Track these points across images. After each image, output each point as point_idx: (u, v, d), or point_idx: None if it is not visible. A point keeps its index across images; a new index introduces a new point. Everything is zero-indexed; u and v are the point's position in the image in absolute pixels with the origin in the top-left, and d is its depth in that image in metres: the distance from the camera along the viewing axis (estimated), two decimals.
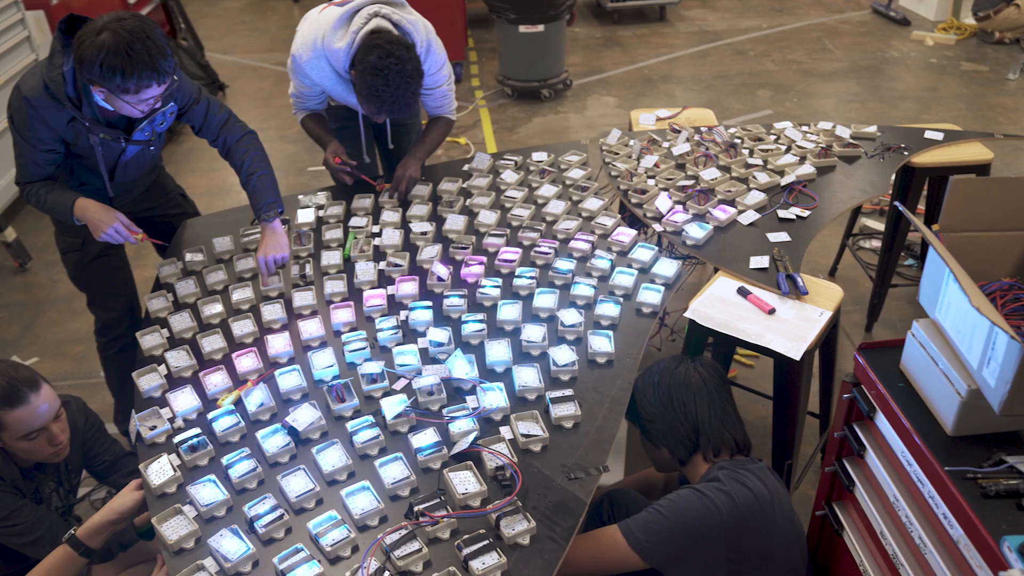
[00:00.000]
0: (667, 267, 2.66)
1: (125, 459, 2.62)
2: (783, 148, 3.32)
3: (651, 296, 2.54)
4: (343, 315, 2.53)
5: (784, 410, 2.52)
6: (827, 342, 2.75)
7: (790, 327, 2.40)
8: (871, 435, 2.02)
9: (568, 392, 2.19)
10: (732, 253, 2.74)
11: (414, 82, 2.72)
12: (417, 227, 2.93)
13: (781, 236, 2.80)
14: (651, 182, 3.12)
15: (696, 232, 2.79)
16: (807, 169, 3.14)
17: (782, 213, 2.92)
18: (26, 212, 5.23)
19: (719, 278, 2.64)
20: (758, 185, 3.07)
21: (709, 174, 3.12)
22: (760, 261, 2.67)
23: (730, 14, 8.13)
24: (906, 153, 3.27)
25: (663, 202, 2.96)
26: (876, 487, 2.02)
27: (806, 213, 2.91)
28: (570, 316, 2.44)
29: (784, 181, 3.08)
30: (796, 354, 2.31)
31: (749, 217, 2.90)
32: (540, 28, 6.02)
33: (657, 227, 2.90)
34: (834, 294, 2.54)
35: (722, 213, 2.89)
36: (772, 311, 2.46)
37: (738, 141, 3.36)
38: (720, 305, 2.52)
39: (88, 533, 2.05)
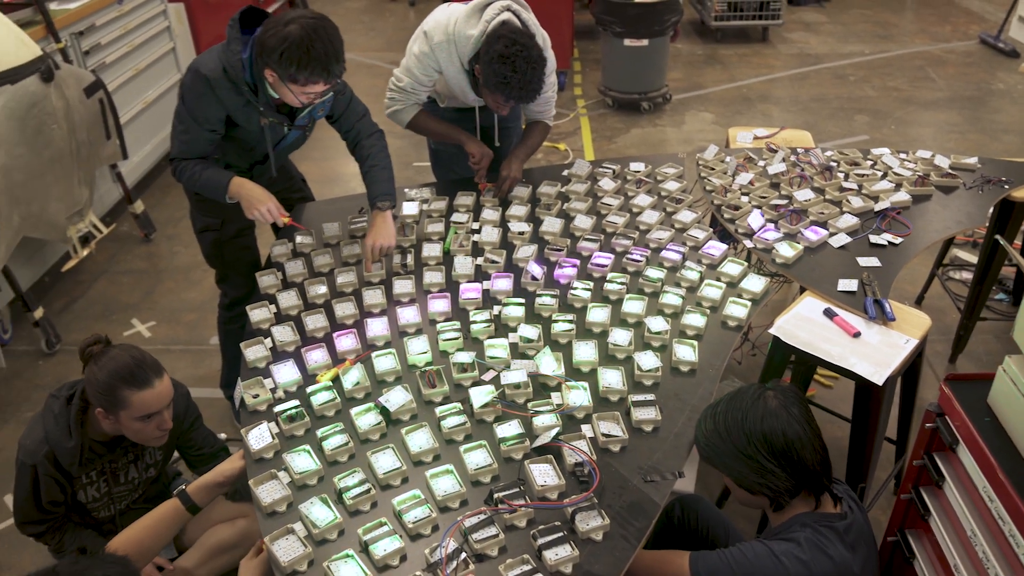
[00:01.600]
0: (755, 283, 2.61)
1: (221, 454, 2.65)
2: (879, 174, 3.22)
3: (737, 310, 2.49)
4: (439, 305, 2.55)
5: (862, 434, 2.44)
6: (910, 370, 2.66)
7: (874, 352, 2.33)
8: (952, 466, 1.94)
9: (650, 397, 2.16)
10: (821, 274, 2.67)
11: (539, 68, 2.73)
12: (515, 226, 2.94)
13: (871, 261, 2.71)
14: (745, 199, 3.06)
15: (786, 251, 2.73)
16: (902, 196, 3.03)
17: (874, 238, 2.83)
18: (154, 187, 5.44)
19: (806, 298, 2.57)
20: (851, 209, 2.98)
21: (803, 195, 3.04)
22: (848, 284, 2.59)
23: (832, 38, 7.91)
24: (1007, 187, 3.12)
25: (755, 219, 2.90)
26: (953, 519, 1.94)
27: (898, 240, 2.81)
28: (657, 323, 2.41)
29: (878, 207, 2.98)
30: (879, 379, 2.24)
31: (840, 240, 2.82)
32: (644, 43, 5.97)
33: (748, 243, 2.84)
34: (922, 322, 2.45)
35: (813, 234, 2.82)
36: (857, 334, 2.39)
37: (834, 164, 3.27)
38: (805, 324, 2.45)
39: (196, 490, 2.11)
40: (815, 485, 1.81)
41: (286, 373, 2.32)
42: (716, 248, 2.78)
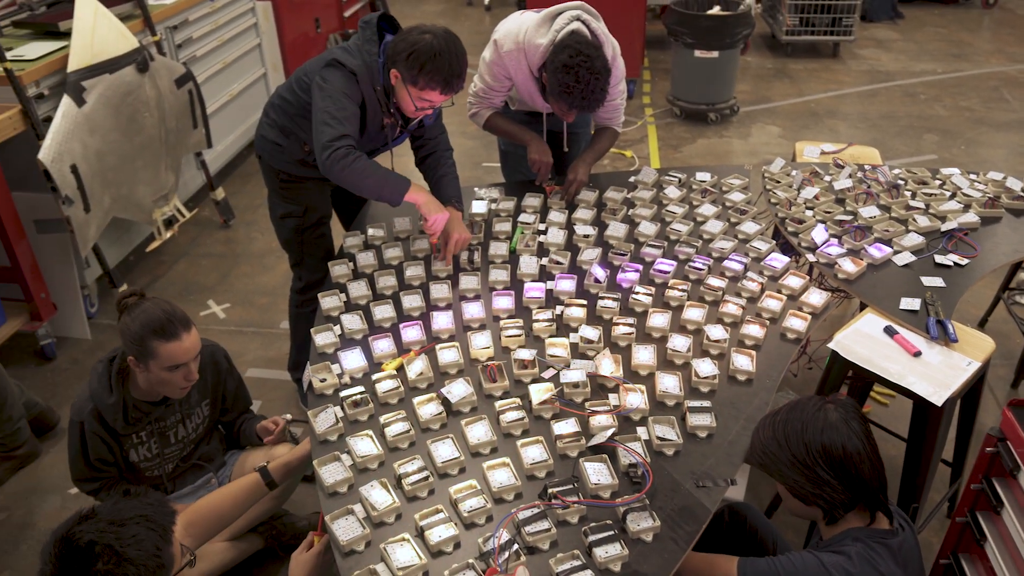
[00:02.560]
0: (816, 297, 2.56)
1: (251, 419, 2.73)
2: (947, 194, 3.13)
3: (797, 323, 2.45)
4: (503, 302, 2.56)
5: (918, 454, 2.38)
6: (971, 392, 2.58)
7: (935, 372, 2.27)
8: (1011, 492, 1.88)
9: (706, 403, 2.14)
10: (883, 292, 2.61)
11: (602, 78, 2.73)
12: (581, 229, 2.93)
13: (936, 281, 2.64)
14: (809, 213, 3.00)
15: (849, 267, 2.67)
16: (971, 218, 2.94)
17: (939, 258, 2.75)
18: (234, 176, 5.57)
19: (867, 314, 2.52)
20: (917, 228, 2.90)
21: (868, 211, 2.97)
22: (911, 303, 2.53)
23: (905, 56, 7.71)
24: None
25: (819, 234, 2.84)
26: (1010, 545, 1.88)
27: (964, 261, 2.73)
28: (716, 332, 2.39)
29: (945, 227, 2.90)
30: (938, 400, 2.18)
31: (904, 258, 2.75)
32: (714, 54, 5.90)
33: (810, 257, 2.79)
34: (985, 345, 2.38)
35: (877, 251, 2.76)
36: (918, 354, 2.33)
37: (901, 182, 3.19)
38: (865, 341, 2.40)
39: (275, 468, 2.17)
40: (871, 500, 1.77)
41: (353, 360, 2.35)
42: (778, 260, 2.73)
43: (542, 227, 2.98)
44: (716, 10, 6.03)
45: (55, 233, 3.71)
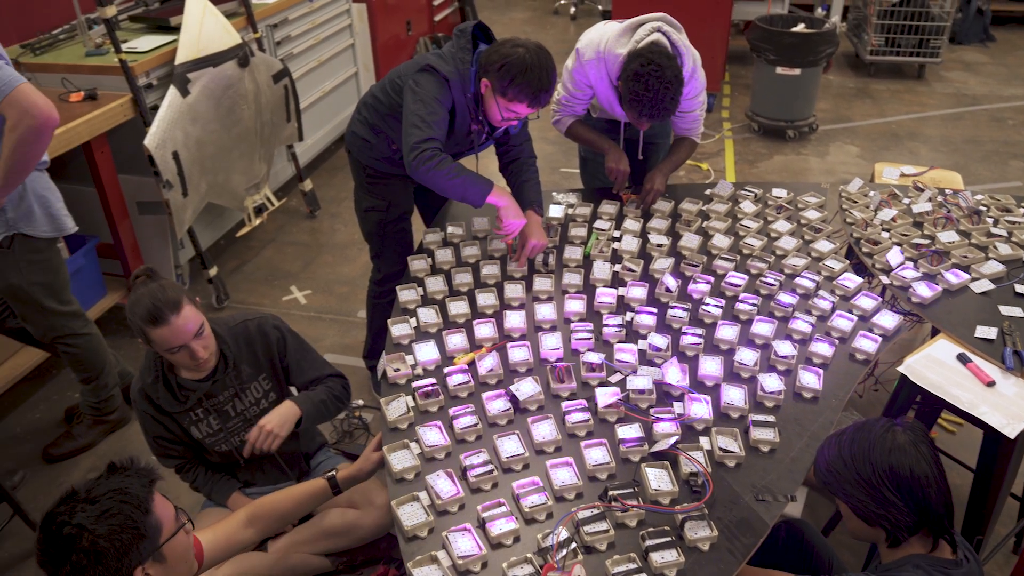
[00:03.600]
0: (888, 319, 2.49)
1: (329, 380, 2.64)
2: None
3: (867, 344, 2.39)
4: (575, 305, 2.55)
5: (986, 485, 2.29)
6: None
7: (1009, 403, 2.18)
8: None
9: (770, 418, 2.10)
10: (958, 318, 2.52)
11: (672, 88, 2.70)
12: (655, 238, 2.91)
13: (1015, 311, 2.54)
14: (885, 235, 2.92)
15: (924, 291, 2.59)
16: None
17: (1020, 288, 2.64)
18: (322, 169, 5.69)
19: (939, 340, 2.44)
20: (998, 256, 2.80)
21: (947, 236, 2.88)
22: (987, 332, 2.44)
23: (993, 80, 7.42)
24: None
25: (894, 256, 2.76)
26: None
27: None
28: (784, 348, 2.34)
29: None
30: (1011, 432, 2.10)
31: (983, 286, 2.65)
32: (796, 72, 5.79)
33: (884, 279, 2.71)
34: None
35: (954, 277, 2.67)
36: (992, 383, 2.25)
37: (983, 208, 3.07)
38: (936, 367, 2.33)
39: (344, 478, 2.18)
40: (936, 526, 1.71)
41: (426, 352, 2.37)
42: (852, 280, 2.67)
43: (617, 234, 2.96)
44: (801, 27, 5.91)
45: (155, 215, 3.85)
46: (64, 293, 3.00)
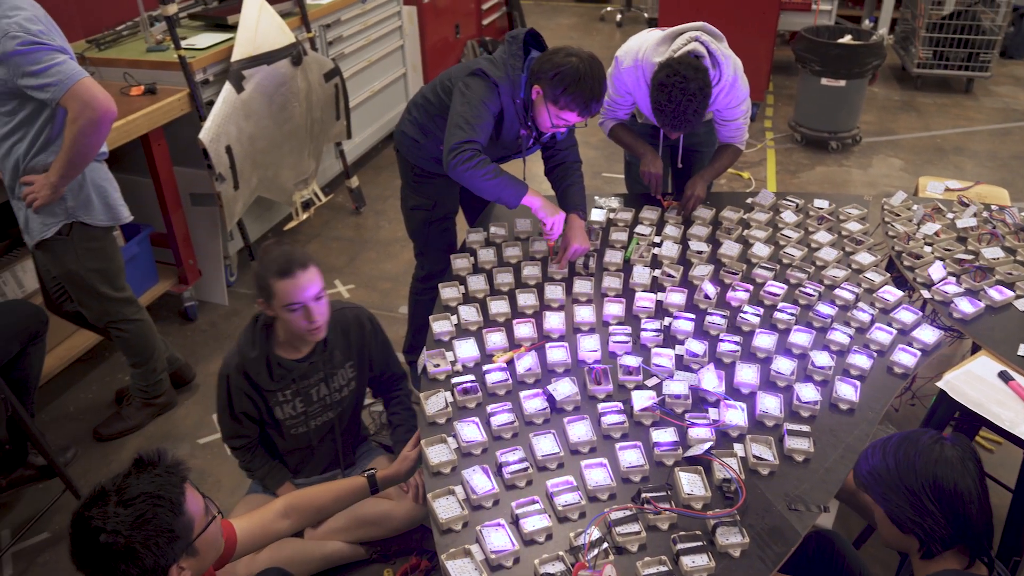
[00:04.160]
0: (928, 334, 2.45)
1: (403, 380, 2.79)
2: None
3: (906, 358, 2.35)
4: (614, 309, 2.55)
5: None
6: None
7: None
8: None
9: (806, 428, 2.08)
10: (1001, 335, 2.47)
11: (695, 101, 2.67)
12: (695, 245, 2.89)
13: None
14: (928, 249, 2.87)
15: (966, 307, 2.54)
16: None
17: None
18: (368, 167, 5.74)
19: (980, 357, 2.39)
20: None
21: (991, 252, 2.82)
22: None
23: None
24: None
25: (936, 271, 2.71)
26: None
27: None
28: (822, 358, 2.32)
29: None
30: None
31: None
32: (842, 83, 5.71)
33: (925, 293, 2.67)
34: None
35: (998, 294, 2.61)
36: None
37: None
38: (977, 384, 2.28)
39: (381, 476, 2.21)
40: (974, 544, 1.67)
41: (466, 349, 2.39)
42: (892, 294, 2.63)
43: (657, 240, 2.95)
44: (847, 39, 5.82)
45: (206, 207, 3.92)
46: (118, 280, 3.07)
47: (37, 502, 2.98)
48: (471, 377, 2.25)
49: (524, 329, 2.45)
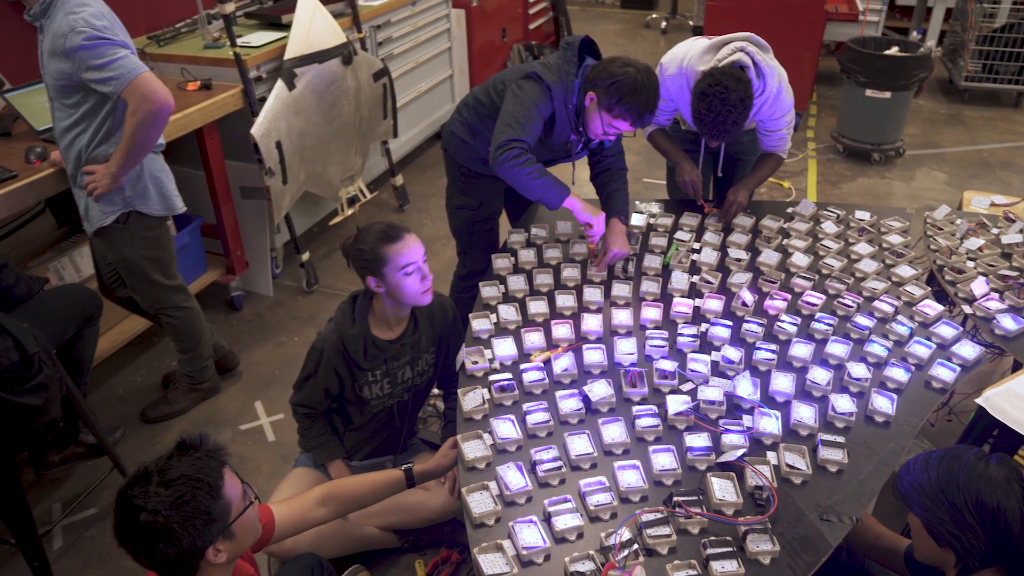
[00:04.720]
0: (968, 350, 2.40)
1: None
2: None
3: (944, 373, 2.31)
4: (651, 313, 2.55)
5: None
6: None
7: None
8: None
9: (840, 439, 2.05)
10: None
11: (735, 112, 2.65)
12: (734, 253, 2.88)
13: None
14: (970, 264, 2.82)
15: (1009, 324, 2.49)
16: None
17: None
18: (413, 166, 5.78)
19: (1022, 375, 2.34)
20: None
21: None
22: None
23: None
24: None
25: (979, 286, 2.66)
26: None
27: None
28: (858, 370, 2.29)
29: None
30: None
31: None
32: (887, 95, 5.61)
33: (967, 309, 2.62)
34: None
35: None
36: None
37: None
38: (1018, 402, 2.23)
39: (419, 470, 2.22)
40: (1013, 564, 1.64)
41: (505, 348, 2.40)
42: (932, 308, 2.59)
43: (697, 246, 2.94)
44: (894, 50, 5.73)
45: (255, 200, 3.98)
46: (170, 268, 3.14)
47: (87, 479, 3.06)
48: (508, 375, 2.26)
49: (562, 330, 2.46)
